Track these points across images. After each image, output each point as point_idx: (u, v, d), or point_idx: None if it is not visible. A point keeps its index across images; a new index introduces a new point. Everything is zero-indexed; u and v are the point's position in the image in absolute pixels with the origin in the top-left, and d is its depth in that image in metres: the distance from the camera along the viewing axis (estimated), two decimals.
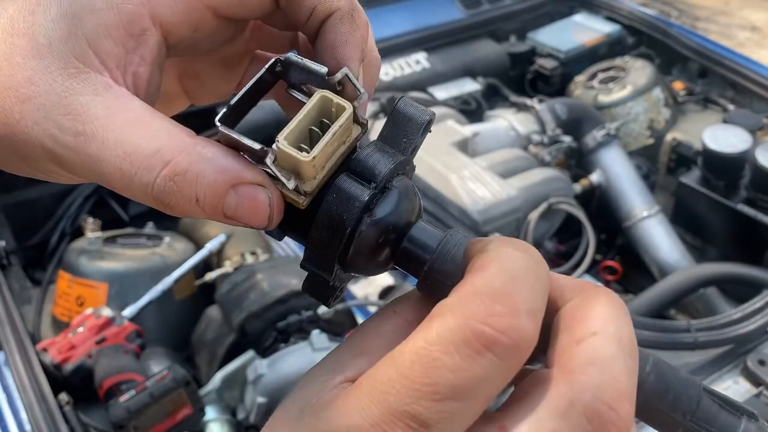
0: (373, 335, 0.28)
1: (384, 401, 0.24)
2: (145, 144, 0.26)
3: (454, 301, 0.24)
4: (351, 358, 0.28)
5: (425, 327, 0.24)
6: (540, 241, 1.59)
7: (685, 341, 1.15)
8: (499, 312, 0.23)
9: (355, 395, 0.25)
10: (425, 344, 0.24)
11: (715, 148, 1.50)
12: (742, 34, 4.47)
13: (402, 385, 0.24)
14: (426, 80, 1.85)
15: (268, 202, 0.27)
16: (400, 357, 0.24)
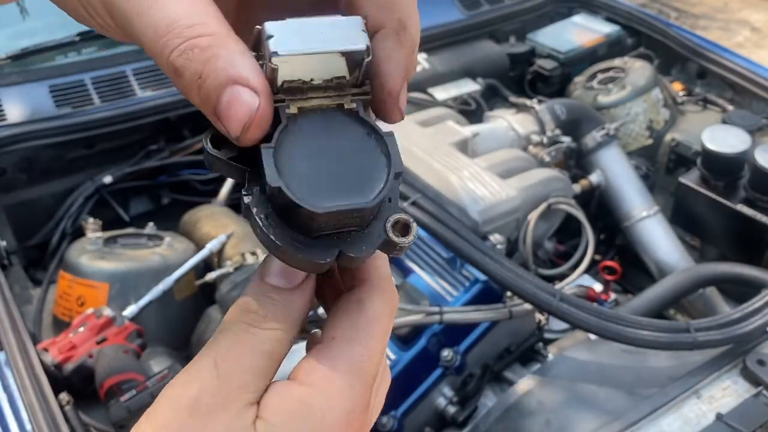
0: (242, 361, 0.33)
1: (361, 376, 0.32)
2: (185, 17, 0.28)
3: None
4: (239, 387, 0.32)
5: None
6: (540, 241, 1.59)
7: (684, 341, 1.15)
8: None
9: (330, 383, 0.32)
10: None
11: (714, 148, 1.51)
12: (741, 34, 4.47)
13: (372, 358, 0.33)
14: (426, 81, 1.85)
15: (253, 108, 0.28)
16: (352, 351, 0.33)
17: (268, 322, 0.33)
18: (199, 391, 0.31)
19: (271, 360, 0.33)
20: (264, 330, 0.33)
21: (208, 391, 0.31)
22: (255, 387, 0.32)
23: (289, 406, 0.32)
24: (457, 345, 1.30)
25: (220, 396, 0.31)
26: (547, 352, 1.38)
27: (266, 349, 0.33)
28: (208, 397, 0.31)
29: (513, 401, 1.20)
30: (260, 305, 0.33)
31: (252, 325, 0.33)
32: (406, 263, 1.41)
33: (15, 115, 1.55)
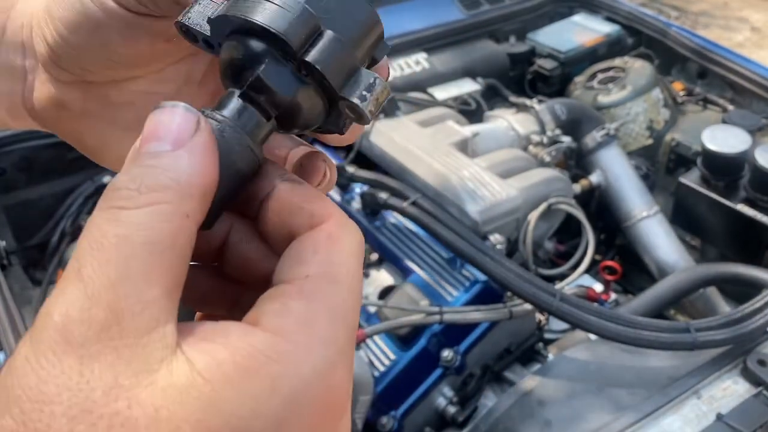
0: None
1: (346, 325, 0.25)
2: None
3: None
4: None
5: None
6: (540, 241, 1.59)
7: (684, 341, 1.15)
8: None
9: (311, 330, 0.24)
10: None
11: (715, 148, 1.51)
12: (742, 34, 4.47)
13: (356, 303, 0.26)
14: (426, 80, 1.85)
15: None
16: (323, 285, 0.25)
17: (143, 195, 0.23)
18: (64, 316, 0.22)
19: (159, 253, 0.23)
20: (139, 209, 0.23)
21: (77, 316, 0.22)
22: (147, 301, 0.22)
23: (239, 358, 0.22)
24: (457, 345, 1.30)
25: (96, 322, 0.22)
26: (547, 352, 1.38)
27: (150, 238, 0.23)
28: (76, 323, 0.22)
29: (513, 401, 1.20)
30: (130, 177, 0.24)
31: (122, 207, 0.23)
32: (406, 263, 1.41)
33: None
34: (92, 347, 0.22)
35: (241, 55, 0.28)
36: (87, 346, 0.22)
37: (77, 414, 0.21)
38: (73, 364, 0.21)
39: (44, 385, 0.21)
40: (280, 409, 0.22)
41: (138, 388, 0.21)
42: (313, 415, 0.23)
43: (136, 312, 0.22)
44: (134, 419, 0.21)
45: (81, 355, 0.21)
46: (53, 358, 0.22)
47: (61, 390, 0.21)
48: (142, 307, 0.22)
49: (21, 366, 0.22)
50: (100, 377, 0.21)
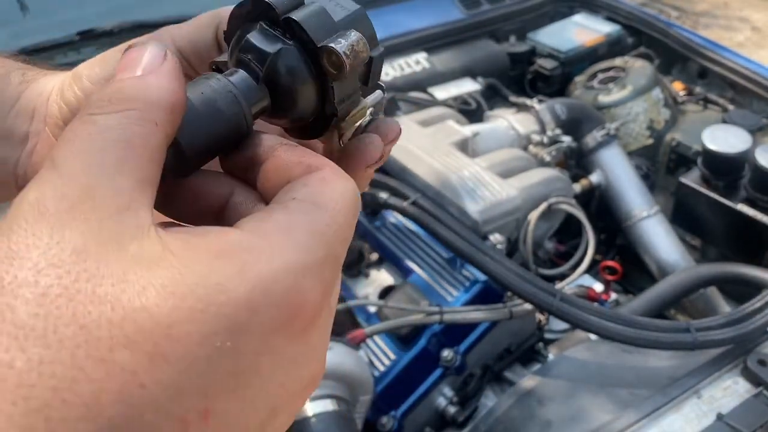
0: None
1: (326, 244, 0.25)
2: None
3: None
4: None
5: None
6: (540, 241, 1.59)
7: (684, 341, 1.15)
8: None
9: (287, 235, 0.25)
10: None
11: (715, 148, 1.50)
12: (742, 34, 4.47)
13: (339, 235, 0.26)
14: (426, 80, 1.85)
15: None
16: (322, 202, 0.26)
17: (114, 104, 0.25)
18: (38, 192, 0.23)
19: (131, 148, 0.24)
20: (110, 114, 0.25)
21: (51, 193, 0.23)
22: (119, 186, 0.24)
23: (213, 245, 0.23)
24: (457, 345, 1.30)
25: (69, 197, 0.23)
26: (548, 352, 1.38)
27: (121, 136, 0.24)
28: (51, 198, 0.23)
29: (513, 401, 1.19)
30: (103, 94, 0.26)
31: (94, 113, 0.25)
32: (406, 263, 1.41)
33: None
34: (64, 216, 0.22)
35: (240, 31, 0.31)
36: (59, 215, 0.22)
37: (44, 267, 0.21)
38: (44, 228, 0.22)
39: (14, 245, 0.22)
40: (244, 292, 0.23)
41: (107, 254, 0.22)
42: (277, 312, 0.23)
43: (108, 195, 0.23)
44: (100, 276, 0.22)
45: (52, 222, 0.22)
46: (25, 225, 0.22)
47: (31, 248, 0.22)
48: (114, 192, 0.23)
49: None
50: (70, 240, 0.22)
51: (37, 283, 0.21)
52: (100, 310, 0.21)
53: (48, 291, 0.21)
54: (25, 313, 0.21)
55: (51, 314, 0.21)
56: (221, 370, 0.22)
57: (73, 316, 0.21)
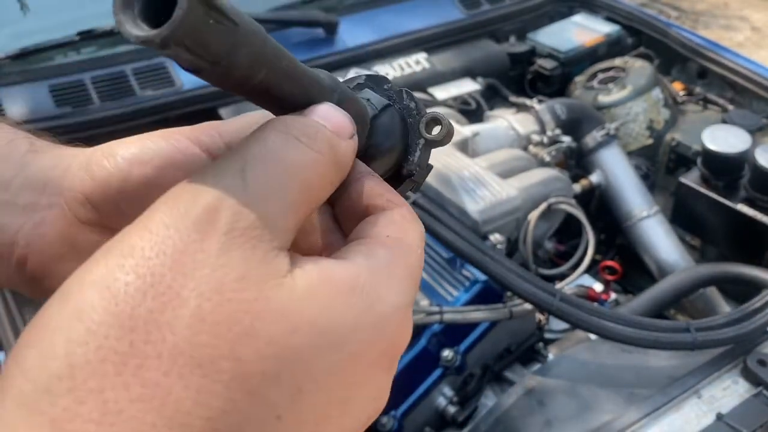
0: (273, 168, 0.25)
1: (414, 277, 0.28)
2: None
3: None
4: (280, 212, 0.24)
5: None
6: (540, 241, 1.59)
7: (684, 341, 1.15)
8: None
9: (391, 270, 0.26)
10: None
11: (715, 148, 1.50)
12: (742, 34, 4.48)
13: (419, 271, 0.29)
14: (426, 80, 1.85)
15: None
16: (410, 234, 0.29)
17: (319, 142, 0.26)
18: (217, 201, 0.23)
19: (309, 197, 0.26)
20: (311, 149, 0.26)
21: (230, 206, 0.23)
22: (287, 225, 0.24)
23: (344, 278, 0.25)
24: (457, 345, 1.30)
25: (246, 218, 0.23)
26: (548, 352, 1.38)
27: (309, 178, 0.26)
28: (228, 212, 0.23)
29: (513, 401, 1.20)
30: (310, 124, 0.27)
31: (298, 138, 0.26)
32: None
33: (15, 115, 1.55)
34: (236, 237, 0.23)
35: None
36: (231, 234, 0.22)
37: (207, 291, 0.22)
38: (214, 246, 0.22)
39: (181, 255, 0.22)
40: (372, 325, 0.25)
41: (266, 285, 0.23)
42: (385, 345, 0.26)
43: (278, 228, 0.24)
44: (259, 310, 0.22)
45: (223, 240, 0.22)
46: (196, 235, 0.22)
47: (198, 265, 0.22)
48: (283, 227, 0.24)
49: (157, 231, 0.22)
50: (235, 265, 0.22)
51: (199, 307, 0.21)
52: (256, 345, 0.22)
53: (208, 318, 0.21)
54: (185, 339, 0.21)
55: (209, 344, 0.21)
56: (337, 401, 0.24)
57: (230, 348, 0.21)
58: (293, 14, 1.81)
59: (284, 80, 0.27)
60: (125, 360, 0.20)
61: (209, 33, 0.22)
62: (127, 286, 0.21)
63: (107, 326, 0.21)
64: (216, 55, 0.23)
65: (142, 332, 0.21)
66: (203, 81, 0.25)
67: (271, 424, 0.22)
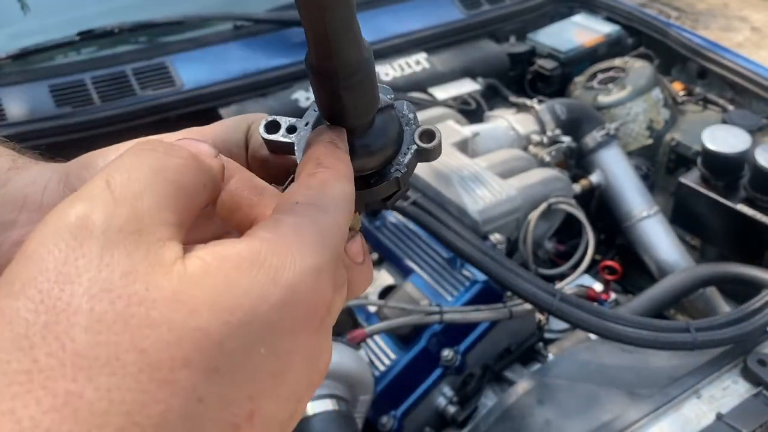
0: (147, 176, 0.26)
1: (330, 246, 0.28)
2: None
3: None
4: (155, 215, 0.25)
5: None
6: (540, 241, 1.59)
7: (684, 341, 1.15)
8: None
9: (299, 237, 0.27)
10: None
11: (715, 148, 1.51)
12: (742, 34, 4.48)
13: (340, 235, 0.29)
14: (426, 80, 1.85)
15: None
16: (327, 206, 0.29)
17: (177, 151, 0.27)
18: (87, 207, 0.24)
19: (183, 195, 0.26)
20: (170, 156, 0.27)
21: (101, 210, 0.24)
22: (165, 219, 0.25)
23: (242, 253, 0.25)
24: (457, 345, 1.30)
25: (119, 217, 0.24)
26: (547, 352, 1.38)
27: (175, 178, 0.26)
28: (100, 217, 0.23)
29: (513, 401, 1.20)
30: (161, 143, 0.28)
31: (154, 149, 0.27)
32: (406, 263, 1.41)
33: (15, 115, 1.55)
34: (113, 236, 0.23)
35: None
36: (108, 234, 0.23)
37: (97, 293, 0.22)
38: (94, 248, 0.23)
39: (63, 266, 0.22)
40: (279, 296, 0.25)
41: (155, 275, 0.23)
42: (303, 311, 0.26)
43: (155, 222, 0.24)
44: (152, 300, 0.22)
45: (102, 241, 0.23)
46: (74, 242, 0.23)
47: (81, 271, 0.22)
48: (161, 221, 0.25)
49: (35, 250, 0.23)
50: (119, 262, 0.23)
51: (92, 310, 0.22)
52: (158, 334, 0.22)
53: (103, 317, 0.22)
54: (85, 342, 0.21)
55: (111, 342, 0.22)
56: (264, 373, 0.24)
57: (132, 341, 0.22)
58: (293, 14, 1.81)
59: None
60: (31, 377, 0.21)
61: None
62: (19, 310, 0.22)
63: (7, 352, 0.21)
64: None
65: (42, 346, 0.21)
66: (203, 81, 0.26)
67: (193, 408, 0.22)
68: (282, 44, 1.78)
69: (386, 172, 0.35)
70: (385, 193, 0.36)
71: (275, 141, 0.35)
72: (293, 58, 1.75)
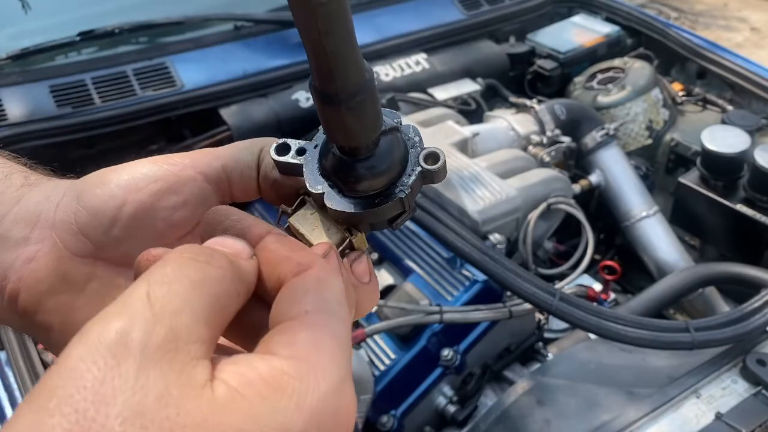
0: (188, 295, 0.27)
1: (345, 350, 0.28)
2: None
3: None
4: (192, 330, 0.26)
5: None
6: (539, 241, 1.59)
7: (683, 341, 1.16)
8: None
9: (320, 355, 0.27)
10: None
11: (714, 148, 1.51)
12: (741, 34, 4.48)
13: (349, 332, 0.29)
14: (426, 81, 1.86)
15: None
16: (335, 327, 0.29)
17: (217, 260, 0.28)
18: (127, 324, 0.24)
19: (219, 308, 0.27)
20: (210, 266, 0.28)
21: (140, 326, 0.24)
22: (200, 336, 0.25)
23: (265, 376, 0.25)
24: (457, 344, 1.30)
25: (157, 335, 0.24)
26: (547, 352, 1.38)
27: (213, 291, 0.27)
28: (138, 334, 0.24)
29: (513, 401, 1.20)
30: (202, 250, 0.29)
31: (196, 258, 0.27)
32: (406, 263, 1.41)
33: (16, 115, 1.55)
34: (150, 355, 0.24)
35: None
36: (146, 353, 0.23)
37: (130, 416, 0.22)
38: (131, 368, 0.23)
39: (101, 387, 0.23)
40: (304, 422, 0.25)
41: (186, 398, 0.23)
42: (329, 429, 0.26)
43: (191, 340, 0.25)
44: (182, 426, 0.23)
45: (139, 361, 0.23)
46: (112, 361, 0.23)
47: (117, 392, 0.23)
48: (197, 338, 0.25)
49: (75, 366, 0.23)
50: (154, 384, 0.23)
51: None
52: None
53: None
54: None
55: None
56: None
57: None
58: None
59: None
60: None
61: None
62: (54, 428, 0.22)
63: None
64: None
65: None
66: (204, 81, 0.26)
67: None
68: (282, 45, 1.78)
69: (391, 192, 0.35)
70: (389, 214, 0.36)
71: (285, 163, 0.36)
72: (293, 59, 1.75)
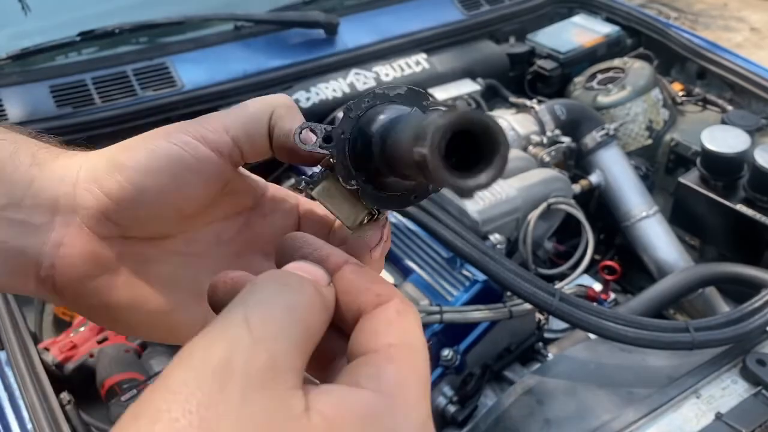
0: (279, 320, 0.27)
1: (427, 385, 0.28)
2: None
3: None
4: (292, 359, 0.26)
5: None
6: (539, 241, 1.60)
7: (683, 341, 1.16)
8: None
9: (406, 390, 0.27)
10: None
11: (714, 148, 1.51)
12: (741, 34, 4.48)
13: (428, 367, 0.29)
14: (426, 81, 1.86)
15: None
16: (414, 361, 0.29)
17: (306, 287, 0.29)
18: (229, 351, 0.24)
19: (308, 336, 0.27)
20: (300, 293, 0.28)
21: (241, 354, 0.24)
22: (295, 364, 0.26)
23: (357, 410, 0.25)
24: (457, 344, 1.30)
25: (258, 361, 0.24)
26: (547, 352, 1.38)
27: (304, 318, 0.27)
28: (240, 360, 0.24)
29: (513, 401, 1.20)
30: (291, 277, 0.29)
31: (287, 284, 0.28)
32: (406, 263, 1.41)
33: (16, 115, 1.55)
34: (252, 383, 0.24)
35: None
36: (248, 380, 0.24)
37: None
38: (234, 395, 0.23)
39: (206, 411, 0.23)
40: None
41: (286, 428, 0.24)
42: None
43: (288, 368, 0.25)
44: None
45: (242, 387, 0.24)
46: (216, 386, 0.23)
47: (222, 417, 0.23)
48: (292, 366, 0.25)
49: (179, 390, 0.23)
50: (259, 412, 0.23)
51: None
52: None
53: None
54: None
55: None
56: None
57: None
58: (294, 15, 1.82)
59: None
60: None
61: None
62: None
63: None
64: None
65: None
66: (204, 81, 0.26)
67: None
68: (282, 45, 1.78)
69: (426, 189, 0.35)
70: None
71: (312, 152, 0.35)
72: (293, 59, 1.75)
